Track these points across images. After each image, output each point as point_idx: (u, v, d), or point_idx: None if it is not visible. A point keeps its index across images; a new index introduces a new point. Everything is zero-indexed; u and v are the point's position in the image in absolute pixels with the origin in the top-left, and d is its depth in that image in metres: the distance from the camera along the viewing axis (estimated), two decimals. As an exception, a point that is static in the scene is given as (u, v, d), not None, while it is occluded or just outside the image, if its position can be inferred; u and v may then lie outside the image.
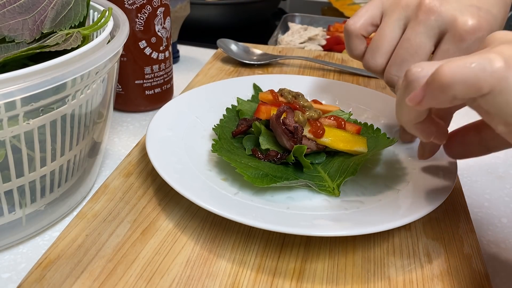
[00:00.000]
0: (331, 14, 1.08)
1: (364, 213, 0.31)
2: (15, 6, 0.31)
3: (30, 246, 0.33)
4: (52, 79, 0.26)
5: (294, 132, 0.35)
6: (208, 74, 0.59)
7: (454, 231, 0.33)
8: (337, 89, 0.49)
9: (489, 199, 0.40)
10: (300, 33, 0.83)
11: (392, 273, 0.30)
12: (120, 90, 0.51)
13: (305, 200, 0.34)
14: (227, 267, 0.29)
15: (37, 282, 0.27)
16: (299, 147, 0.35)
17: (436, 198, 0.32)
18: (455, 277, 0.29)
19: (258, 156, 0.37)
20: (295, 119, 0.36)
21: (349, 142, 0.37)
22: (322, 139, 0.36)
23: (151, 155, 0.35)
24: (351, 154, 0.38)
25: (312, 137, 0.36)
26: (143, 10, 0.47)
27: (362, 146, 0.37)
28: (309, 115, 0.38)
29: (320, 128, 0.36)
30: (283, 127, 0.35)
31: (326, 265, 0.30)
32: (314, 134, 0.36)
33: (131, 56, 0.49)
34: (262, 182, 0.33)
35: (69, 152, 0.32)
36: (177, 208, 0.34)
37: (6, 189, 0.29)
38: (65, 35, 0.31)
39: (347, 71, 0.62)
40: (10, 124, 0.26)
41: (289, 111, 0.36)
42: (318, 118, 0.38)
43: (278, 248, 0.31)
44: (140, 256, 0.30)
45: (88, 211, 0.33)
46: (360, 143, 0.37)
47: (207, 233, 0.32)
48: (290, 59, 0.64)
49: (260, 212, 0.31)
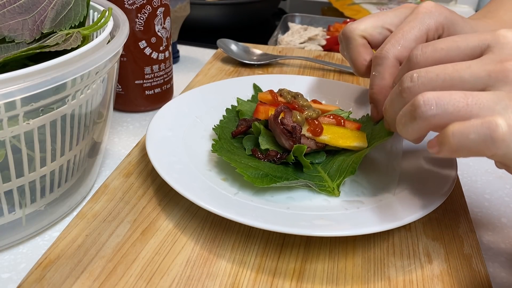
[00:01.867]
0: (331, 14, 1.08)
1: (364, 213, 0.31)
2: (15, 6, 0.31)
3: (30, 246, 0.33)
4: (52, 79, 0.26)
5: (293, 132, 0.35)
6: (208, 74, 0.59)
7: (454, 231, 0.33)
8: (337, 89, 0.49)
9: (489, 199, 0.40)
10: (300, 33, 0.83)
11: (392, 273, 0.30)
12: (120, 90, 0.51)
13: (305, 200, 0.34)
14: (227, 267, 0.29)
15: (37, 282, 0.27)
16: (299, 146, 0.35)
17: (436, 198, 0.32)
18: (455, 277, 0.29)
19: (258, 156, 0.37)
20: (293, 119, 0.36)
21: (348, 138, 0.37)
22: (321, 137, 0.36)
23: (151, 155, 0.35)
24: (352, 151, 0.38)
25: (311, 135, 0.36)
26: (143, 10, 0.47)
27: (362, 141, 0.37)
28: (308, 115, 0.38)
29: (318, 126, 0.36)
30: (281, 127, 0.35)
31: (326, 265, 0.30)
32: (313, 133, 0.36)
33: (131, 56, 0.49)
34: (262, 182, 0.33)
35: (69, 152, 0.32)
36: (177, 208, 0.34)
37: (6, 189, 0.29)
38: (65, 35, 0.31)
39: (347, 71, 0.62)
40: (10, 124, 0.26)
41: (287, 110, 0.36)
42: (317, 117, 0.38)
43: (278, 248, 0.31)
44: (140, 256, 0.30)
45: (88, 211, 0.33)
46: (360, 138, 0.37)
47: (207, 233, 0.32)
48: (290, 59, 0.64)
49: (260, 212, 0.31)
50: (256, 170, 0.34)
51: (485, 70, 0.25)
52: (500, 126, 0.22)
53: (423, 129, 0.26)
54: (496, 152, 0.23)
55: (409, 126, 0.26)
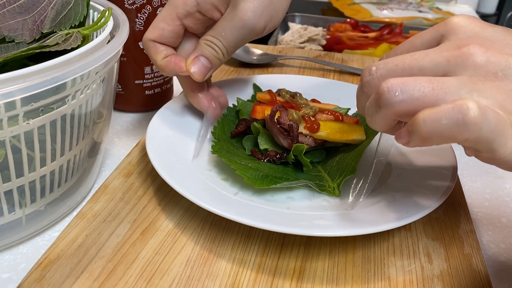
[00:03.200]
0: (331, 14, 1.08)
1: (364, 213, 0.31)
2: (15, 6, 0.31)
3: (30, 246, 0.33)
4: (52, 79, 0.26)
5: (290, 130, 0.35)
6: (208, 74, 0.59)
7: (454, 231, 0.33)
8: (337, 89, 0.49)
9: (489, 199, 0.40)
10: (300, 33, 0.83)
11: (392, 273, 0.30)
12: (120, 90, 0.51)
13: (305, 200, 0.34)
14: (227, 267, 0.29)
15: (37, 282, 0.27)
16: (298, 146, 0.35)
17: (436, 198, 0.32)
18: (455, 277, 0.29)
19: (258, 157, 0.37)
20: (290, 117, 0.36)
21: (346, 132, 0.37)
22: (318, 133, 0.36)
23: (151, 155, 0.35)
24: (351, 145, 0.37)
25: (308, 132, 0.36)
26: (143, 10, 0.47)
27: (360, 134, 0.37)
28: (305, 112, 0.37)
29: (315, 122, 0.36)
30: (278, 126, 0.35)
31: (326, 265, 0.30)
32: (310, 129, 0.36)
33: (131, 56, 0.49)
34: (262, 183, 0.33)
35: (69, 152, 0.32)
36: (177, 208, 0.34)
37: (6, 189, 0.29)
38: (65, 35, 0.31)
39: (347, 71, 0.62)
40: (10, 124, 0.26)
41: (283, 109, 0.36)
42: (315, 115, 0.38)
43: (278, 248, 0.31)
44: (140, 256, 0.30)
45: (88, 211, 0.33)
46: (357, 131, 0.37)
47: (207, 233, 0.32)
48: (290, 59, 0.64)
49: (260, 212, 0.31)
50: (256, 171, 0.34)
51: (443, 56, 0.24)
52: (471, 109, 0.22)
53: (390, 117, 0.25)
54: (469, 137, 0.22)
55: (375, 116, 0.25)
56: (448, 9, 1.19)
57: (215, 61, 0.37)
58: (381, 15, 1.04)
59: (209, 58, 0.37)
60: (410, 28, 0.95)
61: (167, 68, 0.37)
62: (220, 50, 0.36)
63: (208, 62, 0.37)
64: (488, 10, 1.31)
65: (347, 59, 0.67)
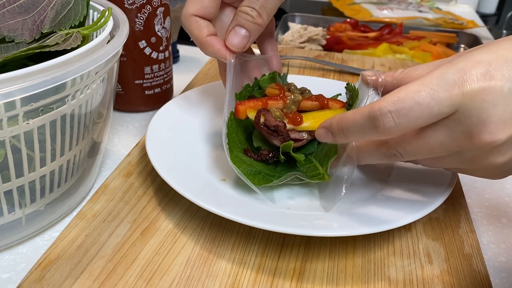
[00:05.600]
0: (331, 14, 1.08)
1: (364, 213, 0.31)
2: (15, 6, 0.31)
3: (30, 246, 0.33)
4: (52, 79, 0.26)
5: (278, 130, 0.35)
6: (208, 74, 0.59)
7: (454, 231, 0.33)
8: (337, 89, 0.49)
9: (489, 199, 0.40)
10: (300, 33, 0.83)
11: (392, 273, 0.29)
12: (120, 90, 0.51)
13: (305, 200, 0.34)
14: (227, 267, 0.29)
15: (37, 282, 0.27)
16: (285, 144, 0.35)
17: (436, 198, 0.32)
18: (455, 277, 0.29)
19: (250, 155, 0.36)
20: (273, 117, 0.36)
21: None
22: (302, 125, 0.36)
23: (151, 155, 0.35)
24: None
25: (292, 126, 0.36)
26: (143, 10, 0.47)
27: None
28: (287, 103, 0.37)
29: (296, 115, 0.36)
30: (266, 129, 0.35)
31: (326, 265, 0.30)
32: (293, 123, 0.36)
33: (131, 56, 0.49)
34: (254, 179, 0.33)
35: (68, 152, 0.32)
36: (177, 208, 0.34)
37: (5, 189, 0.29)
38: (65, 35, 0.31)
39: (347, 71, 0.62)
40: (10, 124, 0.26)
41: (265, 112, 0.36)
42: (299, 104, 0.37)
43: (278, 248, 0.31)
44: (140, 256, 0.30)
45: (88, 211, 0.33)
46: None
47: (207, 233, 0.32)
48: (290, 59, 0.64)
49: (260, 212, 0.31)
50: (250, 166, 0.34)
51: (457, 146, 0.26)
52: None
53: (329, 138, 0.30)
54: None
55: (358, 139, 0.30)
56: (448, 9, 1.19)
57: (254, 28, 0.36)
58: (381, 15, 1.04)
59: (246, 27, 0.36)
60: (410, 28, 0.95)
61: (210, 48, 0.36)
62: (259, 15, 0.35)
63: (246, 31, 0.36)
64: (488, 10, 1.30)
65: (347, 59, 0.67)
